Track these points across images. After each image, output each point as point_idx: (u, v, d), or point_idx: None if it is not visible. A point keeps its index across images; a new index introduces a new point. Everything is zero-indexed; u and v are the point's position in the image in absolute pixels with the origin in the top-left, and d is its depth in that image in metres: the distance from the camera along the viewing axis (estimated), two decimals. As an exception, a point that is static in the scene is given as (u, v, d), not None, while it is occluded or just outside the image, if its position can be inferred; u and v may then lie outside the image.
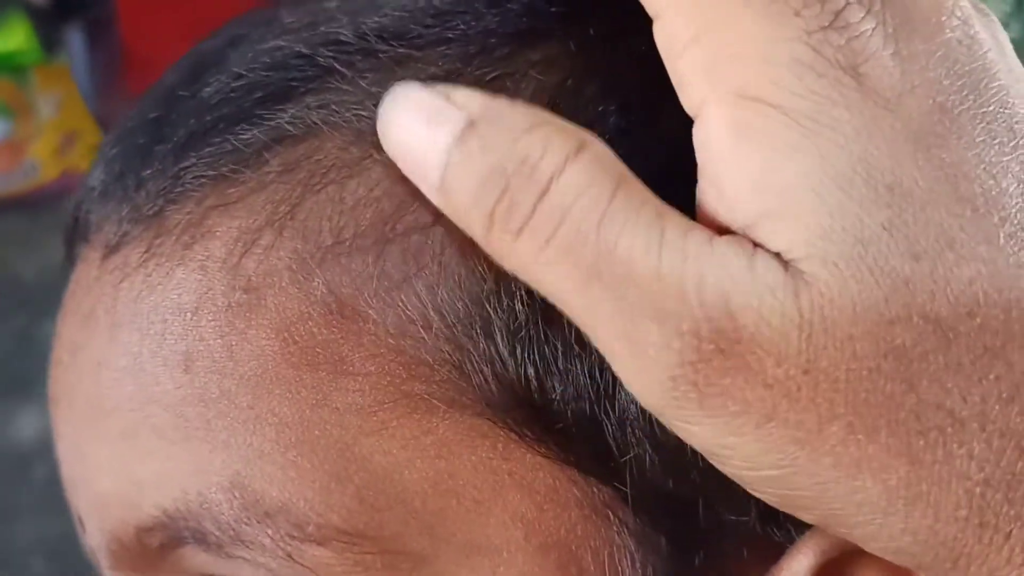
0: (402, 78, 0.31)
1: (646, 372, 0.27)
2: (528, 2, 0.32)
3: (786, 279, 0.26)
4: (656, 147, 0.31)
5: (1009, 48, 0.30)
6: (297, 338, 0.30)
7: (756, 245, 0.27)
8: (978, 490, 0.27)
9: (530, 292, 0.30)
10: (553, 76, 0.31)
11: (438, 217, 0.30)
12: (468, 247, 0.30)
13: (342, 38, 0.32)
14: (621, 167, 0.28)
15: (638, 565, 0.31)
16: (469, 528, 0.31)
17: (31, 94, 1.57)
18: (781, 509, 0.29)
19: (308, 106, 0.32)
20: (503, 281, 0.30)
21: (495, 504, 0.31)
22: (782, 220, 0.27)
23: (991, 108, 0.28)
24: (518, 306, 0.30)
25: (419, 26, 0.32)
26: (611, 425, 0.31)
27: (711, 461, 0.28)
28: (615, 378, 0.30)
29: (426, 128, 0.28)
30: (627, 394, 0.30)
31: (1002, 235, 0.27)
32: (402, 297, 0.30)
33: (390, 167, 0.31)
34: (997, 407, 0.27)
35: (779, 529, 0.31)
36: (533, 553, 0.31)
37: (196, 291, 0.31)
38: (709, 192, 0.28)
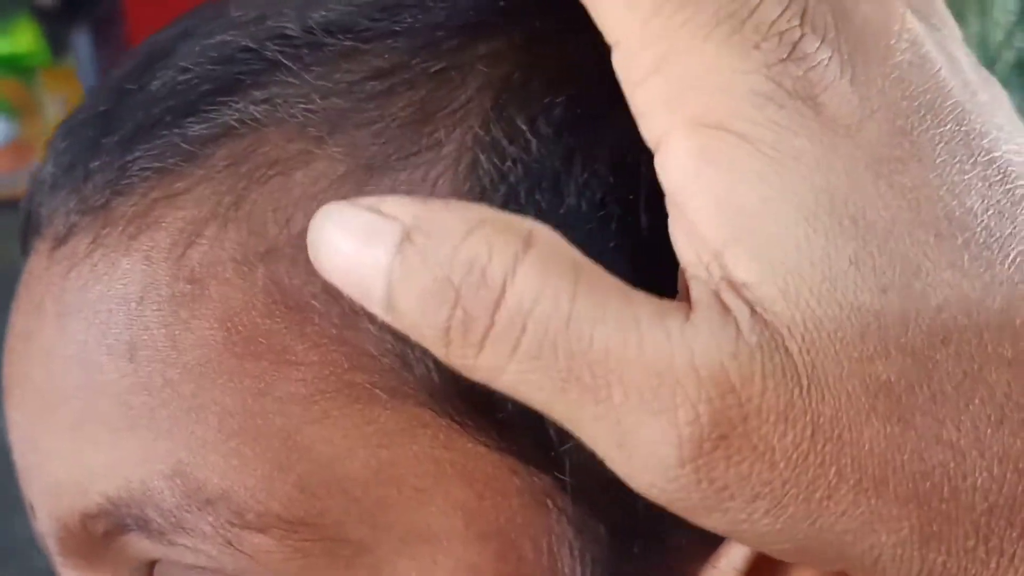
0: (348, 70, 0.32)
1: (644, 472, 0.26)
2: None
3: (772, 336, 0.26)
4: (602, 142, 0.31)
5: (965, 61, 0.30)
6: (240, 328, 0.31)
7: (728, 310, 0.26)
8: (983, 519, 0.26)
9: None
10: (499, 69, 0.32)
11: None
12: None
13: (288, 32, 0.33)
14: (573, 253, 0.27)
15: (577, 553, 0.32)
16: (409, 516, 0.31)
17: (38, 95, 1.58)
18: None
19: (254, 100, 0.32)
20: None
21: (436, 493, 0.31)
22: (748, 248, 0.26)
23: (948, 127, 0.28)
24: None
25: (366, 19, 0.33)
26: None
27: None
28: None
29: (362, 248, 0.27)
30: None
31: (967, 257, 0.27)
32: None
33: (333, 162, 0.31)
34: (989, 431, 0.26)
35: None
36: (473, 541, 0.31)
37: (141, 281, 0.32)
38: (678, 221, 0.28)
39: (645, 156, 0.30)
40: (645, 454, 0.26)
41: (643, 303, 0.26)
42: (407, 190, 0.31)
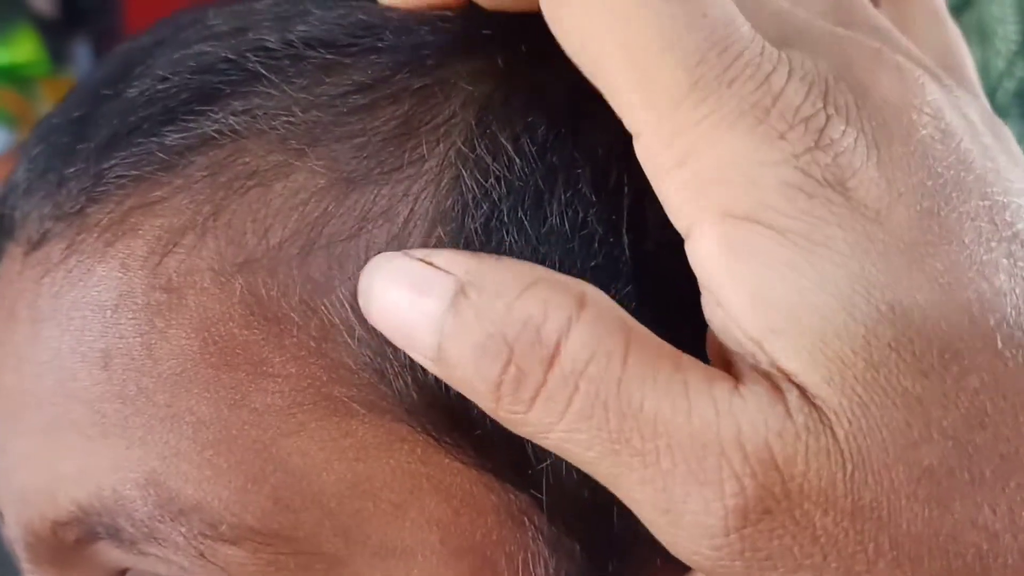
0: (330, 84, 0.32)
1: (688, 540, 0.27)
2: (460, 22, 0.33)
3: (820, 418, 0.26)
4: (585, 162, 0.31)
5: (979, 119, 0.30)
6: (217, 338, 0.31)
7: (777, 389, 0.27)
8: None
9: None
10: (483, 87, 0.32)
11: (363, 223, 0.31)
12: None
13: (268, 44, 0.33)
14: (624, 317, 0.27)
15: (551, 570, 0.32)
16: (385, 531, 0.31)
17: (38, 106, 1.57)
18: None
19: (234, 111, 0.32)
20: None
21: (412, 508, 0.31)
22: (789, 340, 0.27)
23: (973, 203, 0.28)
24: None
25: (348, 36, 0.33)
26: None
27: None
28: None
29: (415, 299, 0.28)
30: None
31: (1000, 338, 0.27)
32: (325, 302, 0.31)
33: (314, 175, 0.31)
34: (1023, 513, 0.27)
35: None
36: (448, 557, 0.31)
37: (116, 288, 0.32)
38: (714, 308, 0.28)
39: (628, 176, 0.30)
40: (690, 523, 0.27)
41: (691, 369, 0.27)
42: (388, 204, 0.31)
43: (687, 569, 0.31)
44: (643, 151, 0.28)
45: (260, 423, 0.31)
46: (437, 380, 0.30)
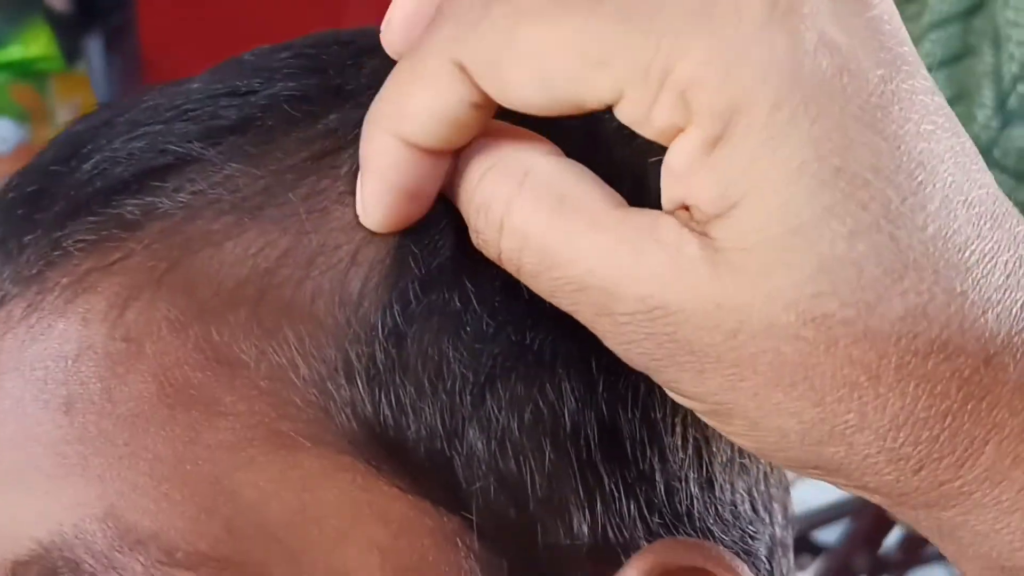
0: (271, 155, 0.35)
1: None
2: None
3: (713, 264, 0.30)
4: None
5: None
6: (173, 381, 0.33)
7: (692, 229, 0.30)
8: (891, 433, 0.30)
9: (389, 341, 0.33)
10: None
11: (308, 271, 0.34)
12: (334, 300, 0.34)
13: (220, 123, 0.36)
14: (561, 183, 0.32)
15: None
16: (329, 555, 0.33)
17: (50, 101, 1.57)
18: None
19: (189, 179, 0.35)
20: (364, 330, 0.34)
21: (354, 533, 0.33)
22: (729, 210, 0.30)
23: (919, 78, 0.30)
24: (378, 354, 0.33)
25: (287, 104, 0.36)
26: (459, 460, 0.34)
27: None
28: (463, 418, 0.33)
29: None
30: (474, 432, 0.33)
31: (937, 200, 0.29)
32: (274, 345, 0.33)
33: (264, 232, 0.34)
34: (916, 361, 0.29)
35: (610, 552, 0.35)
36: None
37: (77, 340, 0.34)
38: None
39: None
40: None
41: (612, 216, 0.31)
42: (331, 249, 0.34)
43: None
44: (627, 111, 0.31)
45: (212, 458, 0.33)
46: (376, 414, 0.33)
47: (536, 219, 0.32)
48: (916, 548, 1.75)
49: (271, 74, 0.37)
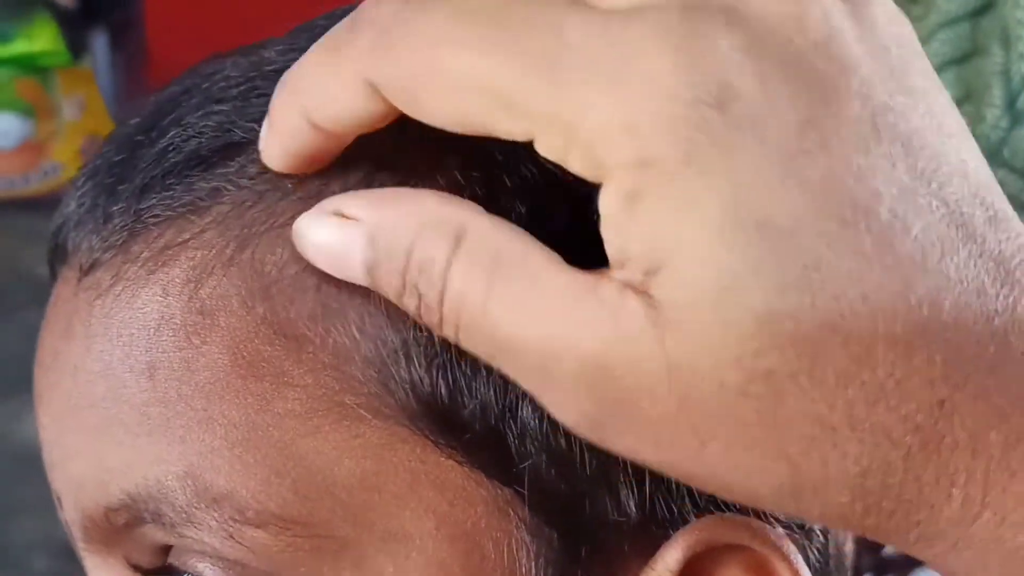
0: None
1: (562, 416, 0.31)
2: None
3: (656, 325, 0.29)
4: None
5: (881, 20, 0.30)
6: (245, 354, 0.36)
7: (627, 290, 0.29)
8: (857, 481, 0.29)
9: None
10: None
11: None
12: None
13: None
14: (500, 241, 0.31)
15: (532, 555, 0.36)
16: (388, 518, 0.36)
17: (55, 95, 1.55)
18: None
19: (253, 159, 0.36)
20: None
21: (411, 499, 0.36)
22: (660, 267, 0.29)
23: (855, 108, 0.29)
24: (435, 336, 0.35)
25: None
26: (513, 437, 0.36)
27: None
28: (517, 397, 0.35)
29: (339, 257, 0.33)
30: (527, 410, 0.35)
31: (869, 242, 0.28)
32: (338, 325, 0.35)
33: None
34: (864, 409, 0.29)
35: (657, 527, 0.37)
36: (442, 541, 0.36)
37: (158, 311, 0.37)
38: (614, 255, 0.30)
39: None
40: (558, 410, 0.31)
41: (552, 276, 0.30)
42: None
43: (651, 554, 0.36)
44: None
45: (282, 425, 0.35)
46: (433, 392, 0.35)
47: (474, 282, 0.31)
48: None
49: None
